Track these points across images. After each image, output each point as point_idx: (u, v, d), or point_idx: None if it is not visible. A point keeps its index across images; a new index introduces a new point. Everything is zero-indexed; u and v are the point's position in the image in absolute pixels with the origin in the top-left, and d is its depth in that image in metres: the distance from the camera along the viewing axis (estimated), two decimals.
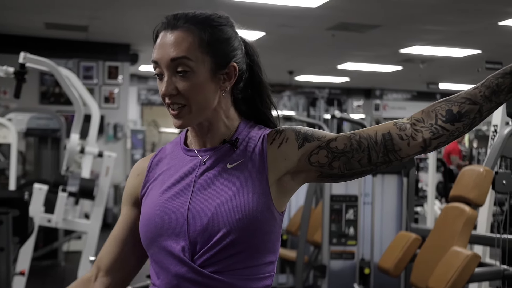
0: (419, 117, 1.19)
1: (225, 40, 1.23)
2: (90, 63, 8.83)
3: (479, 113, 1.16)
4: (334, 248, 3.99)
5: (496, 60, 9.18)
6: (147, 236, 1.22)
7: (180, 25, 1.20)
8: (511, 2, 6.07)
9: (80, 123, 4.20)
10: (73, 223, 4.19)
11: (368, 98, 14.35)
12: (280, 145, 1.23)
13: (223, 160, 1.23)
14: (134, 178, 1.33)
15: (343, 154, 1.20)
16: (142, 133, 9.82)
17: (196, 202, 1.19)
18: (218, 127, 1.25)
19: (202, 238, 1.16)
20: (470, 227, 3.23)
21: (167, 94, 1.18)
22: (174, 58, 1.18)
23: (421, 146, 1.18)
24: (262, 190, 1.19)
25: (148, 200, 1.25)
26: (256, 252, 1.18)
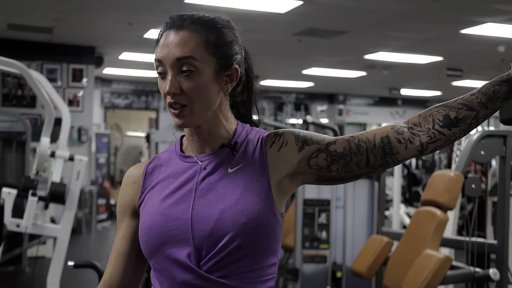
0: (416, 121, 1.23)
1: (229, 43, 1.25)
2: (54, 65, 8.68)
3: (475, 119, 1.20)
4: (306, 251, 4.03)
5: (456, 67, 9.47)
6: (149, 244, 1.20)
7: (186, 26, 1.20)
8: (473, 11, 6.26)
9: (51, 126, 4.13)
10: (42, 228, 4.11)
11: (332, 103, 14.52)
12: (280, 148, 1.24)
13: (223, 164, 1.23)
14: (129, 186, 1.31)
15: (342, 157, 1.22)
16: (107, 136, 9.69)
17: (199, 208, 1.18)
18: (218, 130, 1.25)
19: (207, 244, 1.16)
20: (442, 230, 3.32)
21: (170, 93, 1.18)
22: (180, 57, 1.18)
23: (418, 150, 1.21)
24: (265, 193, 1.20)
25: (148, 209, 1.24)
26: (261, 255, 1.19)
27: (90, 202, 8.54)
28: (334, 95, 14.52)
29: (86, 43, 8.76)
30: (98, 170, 9.21)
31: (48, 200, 4.04)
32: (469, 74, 10.11)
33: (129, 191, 1.30)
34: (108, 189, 9.66)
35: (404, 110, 15.26)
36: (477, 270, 3.23)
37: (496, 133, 3.53)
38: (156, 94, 13.32)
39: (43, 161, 4.08)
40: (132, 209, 1.30)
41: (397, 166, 6.13)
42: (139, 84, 13.07)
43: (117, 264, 1.30)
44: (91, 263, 2.56)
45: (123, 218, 1.32)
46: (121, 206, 1.32)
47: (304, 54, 9.15)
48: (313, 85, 12.94)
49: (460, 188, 3.35)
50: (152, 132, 7.46)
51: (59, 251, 4.10)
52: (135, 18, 6.93)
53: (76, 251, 6.68)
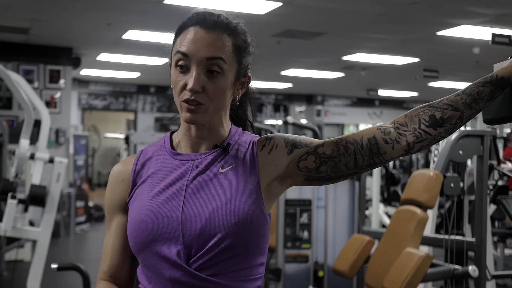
0: (402, 121, 1.26)
1: (249, 52, 1.29)
2: (30, 66, 8.59)
3: (460, 119, 1.24)
4: (288, 251, 4.05)
5: (433, 68, 9.59)
6: (138, 241, 1.22)
7: (219, 28, 1.22)
8: (449, 13, 6.35)
9: (31, 128, 4.09)
10: (22, 231, 4.06)
11: (310, 104, 14.60)
12: (270, 151, 1.26)
13: (215, 164, 1.25)
14: (118, 185, 1.31)
15: (330, 159, 1.25)
16: (85, 138, 9.61)
17: (190, 206, 1.20)
18: (218, 130, 1.28)
19: (197, 242, 1.17)
20: (422, 229, 3.37)
21: (194, 90, 1.19)
22: (211, 57, 1.20)
23: (405, 149, 1.25)
24: (255, 194, 1.22)
25: (137, 204, 1.25)
26: (250, 254, 1.21)
27: (68, 204, 8.46)
28: (312, 96, 14.61)
29: (64, 44, 8.68)
30: (76, 172, 9.13)
31: (28, 202, 4.01)
32: (445, 75, 10.25)
33: (119, 189, 1.31)
34: (86, 191, 9.58)
35: (381, 110, 15.42)
36: (456, 268, 3.28)
37: (473, 133, 3.59)
38: (134, 95, 13.25)
39: (23, 163, 4.04)
40: (122, 206, 1.31)
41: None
42: (117, 85, 12.99)
43: (114, 258, 1.31)
44: (75, 265, 2.55)
45: (113, 215, 1.32)
46: (111, 205, 1.32)
47: (283, 55, 9.19)
48: (292, 86, 13.00)
49: (439, 187, 3.40)
50: (131, 133, 7.42)
51: (39, 254, 4.06)
52: (113, 19, 6.89)
53: (55, 254, 6.61)
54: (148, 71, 10.90)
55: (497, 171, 5.29)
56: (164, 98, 13.53)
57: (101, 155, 16.87)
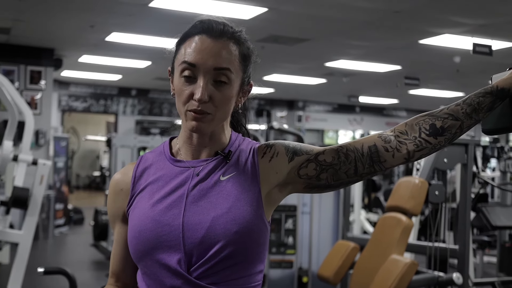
0: (402, 129, 1.27)
1: (252, 61, 1.30)
2: (11, 67, 8.48)
3: (460, 129, 1.25)
4: (273, 257, 4.06)
5: (414, 76, 9.70)
6: (138, 249, 1.21)
7: (226, 36, 1.22)
8: (431, 23, 6.44)
9: (14, 129, 4.04)
10: (4, 233, 4.00)
11: (291, 109, 14.64)
12: (271, 159, 1.26)
13: (216, 172, 1.24)
14: (117, 194, 1.31)
15: (331, 167, 1.26)
16: (66, 140, 9.51)
17: (190, 214, 1.19)
18: (220, 138, 1.28)
19: (198, 251, 1.17)
20: (407, 236, 3.40)
21: (202, 100, 1.18)
22: (219, 67, 1.20)
23: (405, 158, 1.26)
24: (256, 202, 1.22)
25: (137, 212, 1.24)
26: (250, 262, 1.21)
27: (47, 207, 8.36)
28: (294, 102, 14.66)
29: (45, 45, 8.59)
30: (56, 174, 9.03)
31: (10, 205, 3.95)
32: (426, 83, 10.37)
33: (118, 199, 1.31)
34: (66, 193, 9.48)
35: (361, 117, 15.53)
36: (440, 275, 3.32)
37: (458, 142, 3.64)
38: (115, 97, 13.16)
39: (5, 165, 3.98)
40: (122, 216, 1.31)
41: None
42: (98, 87, 12.89)
43: (117, 265, 1.33)
44: (62, 269, 2.52)
45: (114, 224, 1.33)
46: (112, 214, 1.33)
47: (266, 61, 9.20)
48: (274, 91, 13.03)
49: (424, 194, 3.44)
50: (113, 136, 7.37)
51: (20, 257, 4.00)
52: (97, 21, 6.84)
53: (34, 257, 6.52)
54: (130, 73, 10.84)
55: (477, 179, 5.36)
56: (145, 101, 13.46)
57: (80, 157, 16.72)
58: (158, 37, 7.11)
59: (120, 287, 1.33)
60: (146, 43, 7.75)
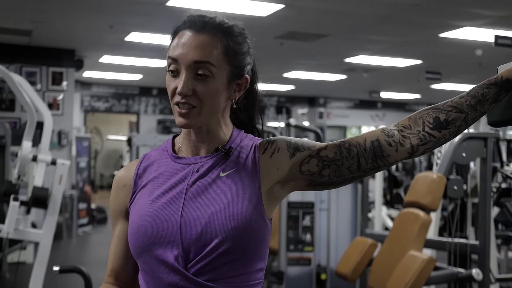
0: (406, 123, 1.24)
1: (244, 53, 1.26)
2: (33, 68, 8.59)
3: (465, 121, 1.22)
4: (291, 254, 4.04)
5: (435, 70, 9.58)
6: (137, 245, 1.21)
7: (207, 29, 1.21)
8: (451, 15, 6.34)
9: (33, 130, 4.09)
10: (24, 233, 4.05)
11: (312, 106, 14.59)
12: (272, 154, 1.25)
13: (216, 168, 1.23)
14: (120, 190, 1.31)
15: (333, 162, 1.23)
16: (88, 140, 9.61)
17: (189, 210, 1.19)
18: (217, 133, 1.26)
19: (196, 247, 1.16)
20: (425, 231, 3.36)
21: (183, 93, 1.18)
22: (198, 60, 1.18)
23: (409, 152, 1.23)
24: (255, 198, 1.20)
25: (137, 208, 1.24)
26: (249, 260, 1.20)
27: (71, 206, 8.46)
28: (314, 98, 14.60)
29: (66, 46, 8.69)
30: (78, 174, 9.13)
31: (30, 204, 4.00)
32: (448, 77, 10.23)
33: (120, 195, 1.31)
34: (89, 193, 9.58)
35: (384, 113, 15.40)
36: (460, 271, 3.27)
37: (477, 135, 3.58)
38: (137, 97, 13.27)
39: (25, 165, 4.03)
40: (124, 212, 1.31)
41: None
42: (120, 87, 13.00)
43: (116, 263, 1.32)
44: (77, 268, 2.54)
45: (116, 220, 1.33)
46: (114, 210, 1.33)
47: (285, 57, 9.19)
48: (294, 88, 12.99)
49: (442, 189, 3.39)
50: (134, 135, 7.42)
51: (41, 256, 4.05)
52: (116, 21, 6.89)
53: (57, 256, 6.61)
54: (151, 73, 10.90)
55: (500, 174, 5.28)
56: (166, 100, 13.52)
57: (103, 157, 16.88)
58: None
59: (119, 285, 1.32)
60: (165, 42, 7.75)
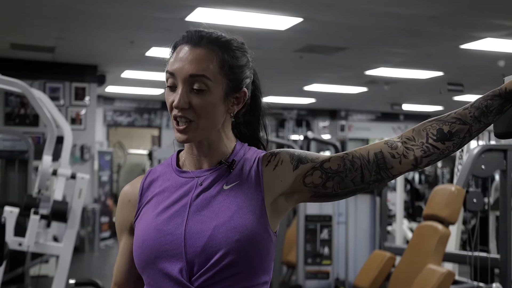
0: (409, 135, 1.23)
1: (241, 67, 1.27)
2: (56, 84, 8.73)
3: (469, 133, 1.21)
4: (309, 268, 4.02)
5: (457, 82, 9.49)
6: (142, 258, 1.22)
7: (203, 44, 1.22)
8: (473, 27, 6.29)
9: (53, 144, 4.15)
10: (45, 246, 4.11)
11: (334, 119, 14.54)
12: (276, 167, 1.25)
13: (219, 181, 1.24)
14: (125, 205, 1.33)
15: (336, 174, 1.23)
16: (110, 154, 9.71)
17: (193, 223, 1.19)
18: (219, 147, 1.27)
19: (200, 260, 1.17)
20: (444, 245, 3.31)
21: (179, 106, 1.19)
22: (193, 74, 1.20)
23: (413, 164, 1.22)
24: (259, 211, 1.20)
25: (142, 223, 1.25)
26: (253, 272, 1.20)
27: (93, 220, 8.53)
28: (336, 111, 14.56)
29: (88, 62, 8.82)
30: (101, 188, 9.22)
31: (50, 218, 4.05)
32: (470, 89, 10.12)
33: (125, 210, 1.32)
34: (111, 207, 9.66)
35: (406, 125, 15.28)
36: (480, 285, 3.22)
37: (496, 147, 3.54)
38: (159, 111, 13.37)
39: (45, 179, 4.09)
40: (128, 227, 1.32)
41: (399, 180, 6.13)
42: (142, 102, 13.13)
43: (119, 277, 1.34)
44: (93, 281, 2.56)
45: (121, 235, 1.35)
46: (119, 225, 1.35)
47: (305, 70, 9.20)
48: (315, 101, 12.98)
49: (461, 202, 3.35)
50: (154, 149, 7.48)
51: (61, 269, 4.09)
52: (136, 37, 6.99)
53: (79, 269, 6.66)
54: None
55: None
56: None
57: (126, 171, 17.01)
58: None
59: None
60: None
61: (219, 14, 5.79)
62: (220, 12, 5.74)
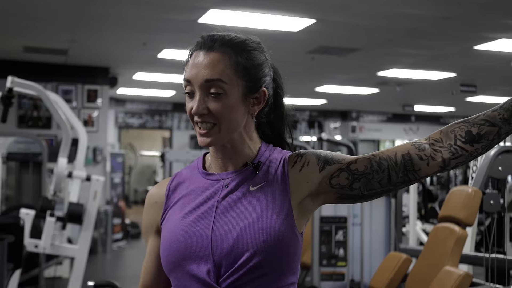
0: (437, 137, 1.23)
1: (258, 66, 1.26)
2: (69, 86, 8.78)
3: (498, 135, 1.20)
4: (324, 269, 4.01)
5: (470, 83, 9.44)
6: (169, 260, 1.22)
7: (216, 47, 1.22)
8: (485, 27, 6.26)
9: (68, 147, 4.17)
10: (60, 248, 4.13)
11: (345, 120, 14.52)
12: (302, 168, 1.25)
13: (245, 182, 1.24)
14: (151, 207, 1.33)
15: (363, 176, 1.22)
16: (122, 156, 9.75)
17: (219, 225, 1.20)
18: (242, 149, 1.27)
19: (227, 261, 1.17)
20: (461, 246, 3.29)
21: (198, 113, 1.20)
22: (208, 79, 1.20)
23: (440, 166, 1.21)
24: (285, 212, 1.20)
25: (169, 224, 1.26)
26: (280, 273, 1.19)
27: (105, 222, 8.57)
28: (347, 112, 14.53)
29: (101, 64, 8.86)
30: (113, 190, 9.26)
31: (65, 220, 4.07)
32: (483, 90, 10.07)
33: (152, 212, 1.33)
34: (123, 208, 9.70)
35: (417, 126, 15.23)
36: (497, 287, 3.19)
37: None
38: (170, 113, 13.42)
39: (61, 181, 4.11)
40: (155, 228, 1.32)
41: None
42: (153, 103, 13.17)
43: (147, 279, 1.34)
44: (111, 283, 2.56)
45: (148, 237, 1.35)
46: (145, 227, 1.35)
47: (317, 72, 9.19)
48: (326, 102, 12.96)
49: (478, 204, 3.33)
50: (167, 151, 7.50)
51: (76, 271, 4.11)
52: (148, 39, 7.01)
53: (93, 271, 6.68)
54: (183, 89, 11.01)
55: None
56: None
57: (137, 173, 17.07)
58: None
59: None
60: None
61: (231, 16, 5.79)
62: (232, 14, 5.74)
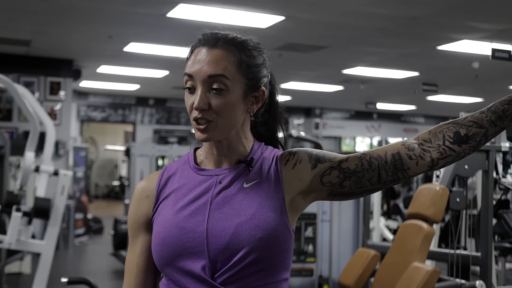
0: (426, 137, 1.26)
1: (259, 65, 1.28)
2: (31, 78, 8.59)
3: (485, 136, 1.24)
4: (293, 265, 4.04)
5: (432, 82, 9.62)
6: (163, 256, 1.22)
7: (220, 44, 1.23)
8: (449, 29, 6.40)
9: (36, 140, 4.09)
10: (27, 244, 4.04)
11: (308, 117, 14.63)
12: (294, 166, 1.27)
13: (239, 179, 1.26)
14: (142, 201, 1.32)
15: (354, 174, 1.26)
16: (85, 150, 9.60)
17: (214, 221, 1.21)
18: (237, 146, 1.29)
19: (222, 257, 1.18)
20: (428, 243, 3.37)
21: (199, 108, 1.21)
22: (212, 74, 1.21)
23: (429, 165, 1.25)
24: (280, 209, 1.23)
25: (161, 219, 1.25)
26: (275, 269, 1.22)
27: (67, 216, 8.43)
28: (311, 109, 14.65)
29: (64, 56, 8.69)
30: (75, 184, 9.11)
31: (32, 215, 3.99)
32: (444, 89, 10.30)
33: (143, 206, 1.31)
34: (85, 203, 9.56)
35: (379, 123, 15.46)
36: (463, 282, 3.29)
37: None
38: (133, 107, 13.27)
39: (28, 176, 4.03)
40: (147, 223, 1.31)
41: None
42: (116, 97, 13.00)
43: (140, 276, 1.31)
44: (85, 279, 2.54)
45: (138, 232, 1.32)
46: (135, 221, 1.32)
47: (284, 69, 9.23)
48: (291, 99, 13.03)
49: (445, 201, 3.42)
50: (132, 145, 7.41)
51: (43, 267, 4.04)
52: (115, 32, 6.91)
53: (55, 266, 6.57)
54: (148, 83, 10.92)
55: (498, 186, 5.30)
56: (163, 110, 13.54)
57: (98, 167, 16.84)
58: (176, 46, 7.16)
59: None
60: (163, 53, 7.82)
61: (201, 11, 5.77)
62: (202, 9, 5.72)
